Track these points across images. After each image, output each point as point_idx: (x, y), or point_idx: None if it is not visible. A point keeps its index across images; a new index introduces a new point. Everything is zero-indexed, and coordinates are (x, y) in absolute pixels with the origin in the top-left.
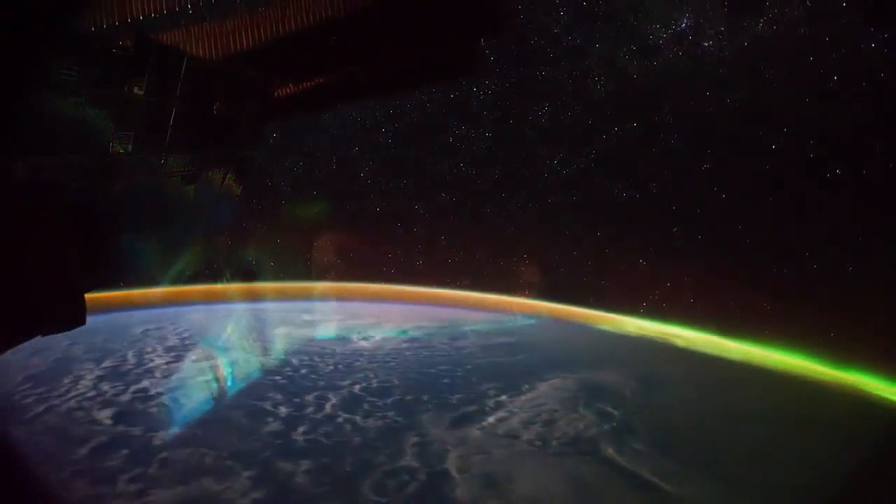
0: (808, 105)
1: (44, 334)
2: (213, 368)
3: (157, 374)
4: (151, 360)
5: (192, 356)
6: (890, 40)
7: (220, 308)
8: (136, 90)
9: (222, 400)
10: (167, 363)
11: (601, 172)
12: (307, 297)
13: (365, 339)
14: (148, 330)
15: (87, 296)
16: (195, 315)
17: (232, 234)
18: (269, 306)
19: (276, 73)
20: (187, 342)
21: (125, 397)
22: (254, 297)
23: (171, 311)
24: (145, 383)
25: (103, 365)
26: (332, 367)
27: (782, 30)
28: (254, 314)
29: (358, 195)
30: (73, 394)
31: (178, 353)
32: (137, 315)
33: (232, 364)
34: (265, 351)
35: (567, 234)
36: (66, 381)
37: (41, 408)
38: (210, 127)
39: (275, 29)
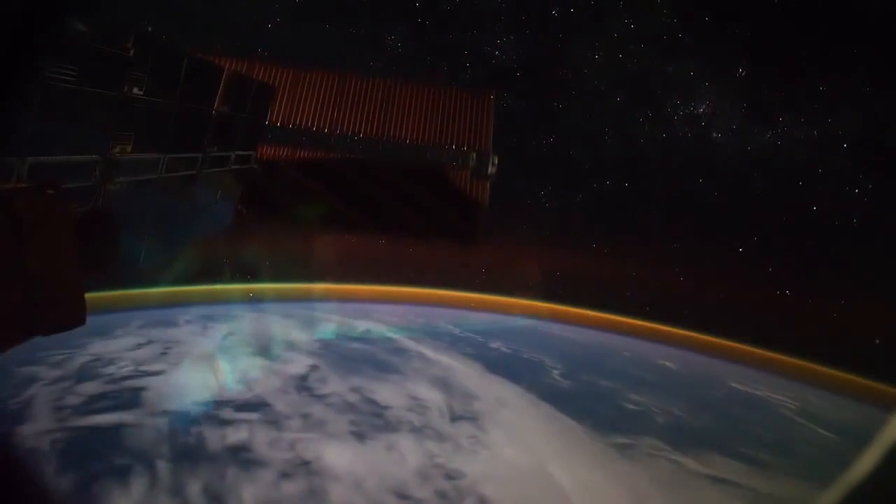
0: (784, 225)
1: (44, 334)
2: None
3: None
4: None
5: None
6: (874, 190)
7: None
8: (135, 90)
9: None
10: None
11: (582, 217)
12: (308, 298)
13: None
14: None
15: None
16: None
17: (231, 234)
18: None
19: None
20: None
21: None
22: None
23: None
24: None
25: None
26: None
27: (786, 147)
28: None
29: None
30: None
31: None
32: None
33: None
34: None
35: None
36: None
37: None
38: (210, 127)
39: None
